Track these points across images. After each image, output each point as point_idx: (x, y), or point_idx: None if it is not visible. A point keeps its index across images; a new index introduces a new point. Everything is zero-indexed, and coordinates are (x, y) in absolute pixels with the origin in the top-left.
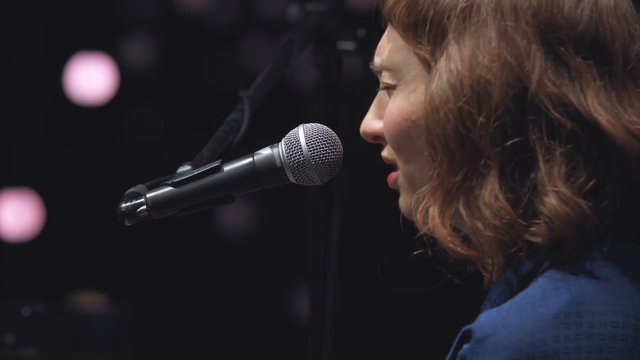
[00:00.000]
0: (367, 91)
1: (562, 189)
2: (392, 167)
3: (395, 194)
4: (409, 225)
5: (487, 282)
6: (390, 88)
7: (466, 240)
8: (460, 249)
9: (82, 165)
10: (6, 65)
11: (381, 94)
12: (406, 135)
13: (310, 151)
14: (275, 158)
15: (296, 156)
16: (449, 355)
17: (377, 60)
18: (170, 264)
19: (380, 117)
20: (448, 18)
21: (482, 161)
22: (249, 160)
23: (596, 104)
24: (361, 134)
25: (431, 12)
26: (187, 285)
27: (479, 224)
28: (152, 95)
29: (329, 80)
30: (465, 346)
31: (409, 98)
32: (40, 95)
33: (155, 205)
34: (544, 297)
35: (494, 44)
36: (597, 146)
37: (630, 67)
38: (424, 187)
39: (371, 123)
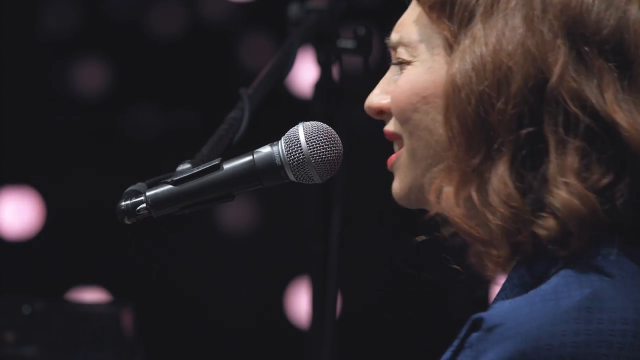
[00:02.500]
0: (367, 89)
1: (573, 181)
2: (391, 150)
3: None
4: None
5: (490, 271)
6: (404, 63)
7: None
8: (474, 231)
9: (82, 163)
10: (6, 63)
11: (391, 71)
12: (415, 109)
13: (310, 149)
14: (275, 156)
15: (296, 154)
16: (456, 340)
17: (395, 36)
18: (171, 262)
19: (388, 92)
20: (477, 1)
21: (495, 146)
22: (248, 158)
23: (615, 105)
24: (366, 108)
25: None
26: (187, 284)
27: (488, 212)
28: (153, 94)
29: (328, 78)
30: (474, 334)
31: (423, 74)
32: (40, 93)
33: (155, 203)
34: (555, 292)
35: (519, 31)
36: (612, 145)
37: None
38: (439, 166)
39: (378, 97)
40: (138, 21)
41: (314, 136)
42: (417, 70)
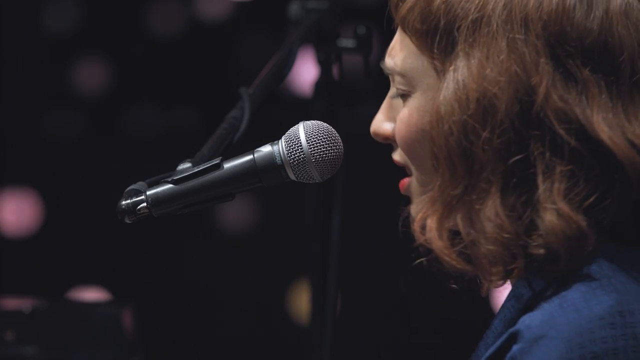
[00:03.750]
0: (367, 89)
1: (560, 205)
2: (403, 170)
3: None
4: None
5: (484, 291)
6: (405, 94)
7: (462, 252)
8: (456, 263)
9: (82, 162)
10: (6, 62)
11: (391, 92)
12: (419, 143)
13: (311, 148)
14: (275, 155)
15: (296, 153)
16: (489, 353)
17: (390, 62)
18: (171, 261)
19: (390, 118)
20: (458, 29)
21: (484, 175)
22: (249, 157)
23: (600, 120)
24: (372, 134)
25: (442, 22)
26: (187, 283)
27: (479, 237)
28: (153, 93)
29: (329, 77)
30: (515, 347)
31: (424, 106)
32: (40, 92)
33: (156, 202)
34: (584, 299)
35: (502, 57)
36: (599, 162)
37: (637, 78)
38: (422, 197)
39: (382, 125)
40: (138, 21)
41: (314, 135)
42: (417, 103)
